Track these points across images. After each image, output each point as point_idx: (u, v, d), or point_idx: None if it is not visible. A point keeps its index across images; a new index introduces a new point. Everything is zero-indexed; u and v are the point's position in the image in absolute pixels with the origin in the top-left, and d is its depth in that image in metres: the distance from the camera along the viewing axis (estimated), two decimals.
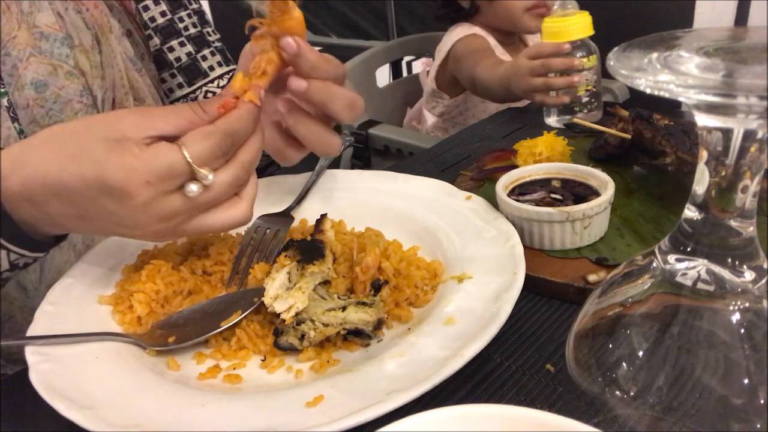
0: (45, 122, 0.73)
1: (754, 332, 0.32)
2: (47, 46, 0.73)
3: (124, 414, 0.43)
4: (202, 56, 0.93)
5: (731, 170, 0.30)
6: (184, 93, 0.94)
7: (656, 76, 0.27)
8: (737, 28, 0.33)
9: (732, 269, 0.32)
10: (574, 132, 0.89)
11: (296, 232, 0.66)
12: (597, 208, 0.60)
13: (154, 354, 0.52)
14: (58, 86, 0.73)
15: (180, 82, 0.93)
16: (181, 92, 0.94)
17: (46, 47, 0.73)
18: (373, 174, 0.76)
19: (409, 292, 0.55)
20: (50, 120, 0.74)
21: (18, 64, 0.71)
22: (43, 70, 0.72)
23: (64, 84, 0.74)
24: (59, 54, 0.73)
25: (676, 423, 0.32)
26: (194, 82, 0.94)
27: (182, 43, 0.92)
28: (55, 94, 0.73)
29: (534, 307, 0.56)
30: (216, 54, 0.95)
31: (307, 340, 0.50)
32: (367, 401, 0.42)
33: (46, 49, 0.73)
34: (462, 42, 1.60)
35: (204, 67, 0.94)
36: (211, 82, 0.95)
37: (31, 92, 0.72)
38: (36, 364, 0.48)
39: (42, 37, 0.73)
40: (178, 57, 0.92)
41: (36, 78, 0.72)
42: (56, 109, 0.74)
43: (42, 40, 0.73)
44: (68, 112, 0.74)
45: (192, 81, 0.94)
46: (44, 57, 0.73)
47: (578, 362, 0.36)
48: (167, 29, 0.90)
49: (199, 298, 0.57)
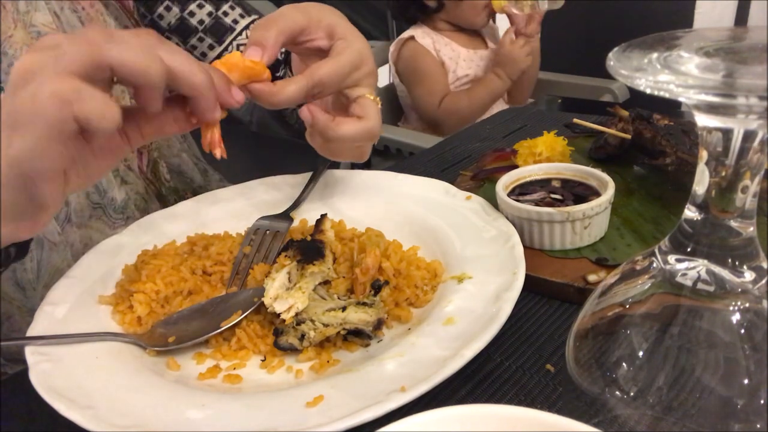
0: None
1: (754, 332, 0.32)
2: None
3: (124, 414, 0.43)
4: (223, 12, 0.92)
5: (731, 170, 0.30)
6: (217, 53, 0.92)
7: (656, 76, 0.27)
8: (737, 28, 0.33)
9: (732, 269, 0.32)
10: (574, 132, 0.89)
11: (296, 232, 0.66)
12: (597, 208, 0.60)
13: (154, 354, 0.52)
14: None
15: (210, 44, 0.91)
16: (214, 53, 0.92)
17: None
18: (373, 174, 0.76)
19: (409, 292, 0.55)
20: None
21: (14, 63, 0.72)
22: None
23: None
24: None
25: (676, 423, 0.32)
26: (223, 40, 0.92)
27: (200, 5, 0.90)
28: None
29: (534, 307, 0.56)
30: (236, 7, 0.93)
31: (307, 340, 0.50)
32: (367, 401, 0.42)
33: None
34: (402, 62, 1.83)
35: (228, 23, 0.92)
36: (239, 35, 0.93)
37: None
38: (36, 364, 0.48)
39: (39, 36, 0.72)
40: (201, 20, 0.90)
41: None
42: None
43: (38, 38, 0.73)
44: None
45: (221, 39, 0.92)
46: None
47: (578, 362, 0.36)
48: None
49: (199, 298, 0.57)
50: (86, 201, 0.78)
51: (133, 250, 0.63)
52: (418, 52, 1.78)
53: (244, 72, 0.52)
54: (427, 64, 1.78)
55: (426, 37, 1.80)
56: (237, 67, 0.52)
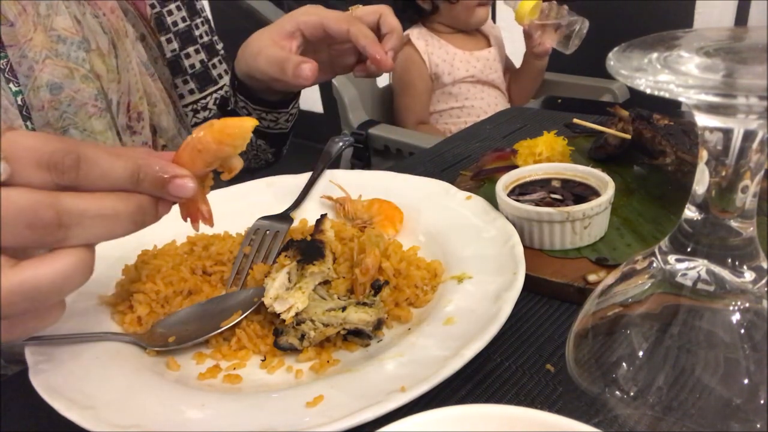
0: (59, 125, 0.74)
1: (754, 332, 0.32)
2: (64, 49, 0.74)
3: (124, 414, 0.43)
4: (212, 64, 0.97)
5: (731, 170, 0.30)
6: (195, 99, 0.97)
7: (656, 76, 0.27)
8: (737, 28, 0.33)
9: (732, 269, 0.32)
10: (574, 132, 0.89)
11: (296, 232, 0.66)
12: (597, 208, 0.60)
13: (154, 354, 0.52)
14: (73, 89, 0.74)
15: (192, 89, 0.96)
16: (192, 98, 0.97)
17: (62, 50, 0.74)
18: (373, 174, 0.76)
19: (409, 292, 0.55)
20: (64, 122, 0.74)
21: (34, 66, 0.72)
22: (59, 73, 0.73)
23: (80, 87, 0.74)
24: (75, 57, 0.74)
25: (676, 423, 0.32)
26: (205, 89, 0.97)
27: (197, 50, 0.95)
28: (70, 97, 0.74)
29: (534, 307, 0.56)
30: (223, 62, 0.99)
31: (307, 340, 0.50)
32: (367, 401, 0.42)
33: (63, 52, 0.73)
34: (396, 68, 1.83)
35: (214, 75, 0.97)
36: (220, 89, 0.98)
37: (46, 94, 0.72)
38: (36, 364, 0.48)
39: (59, 41, 0.73)
40: (193, 64, 0.95)
41: (51, 80, 0.73)
42: (70, 111, 0.74)
43: (59, 43, 0.73)
44: (82, 115, 0.75)
45: (203, 88, 0.96)
46: (60, 60, 0.73)
47: (578, 362, 0.36)
48: (186, 35, 0.93)
49: (199, 298, 0.57)
50: None
51: (133, 250, 0.63)
52: (410, 60, 1.82)
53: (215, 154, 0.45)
54: (414, 78, 1.83)
55: (420, 38, 1.82)
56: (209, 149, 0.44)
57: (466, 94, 1.85)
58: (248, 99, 0.83)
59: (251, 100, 0.83)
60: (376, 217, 0.67)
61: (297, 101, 0.88)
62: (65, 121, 0.74)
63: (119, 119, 0.80)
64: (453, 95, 1.85)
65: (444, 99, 1.86)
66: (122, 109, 0.80)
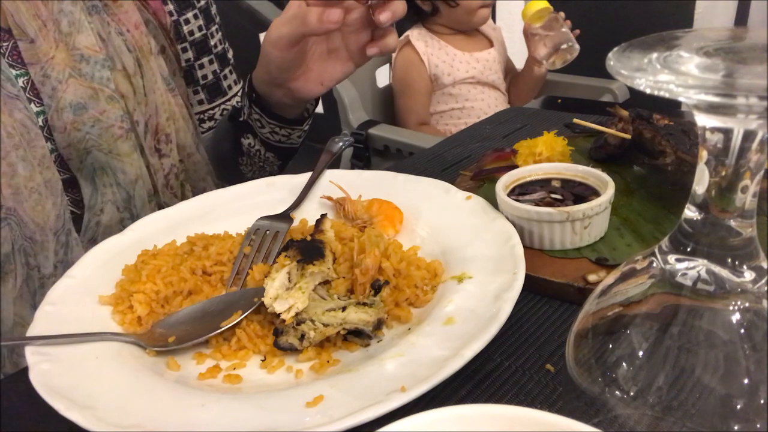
0: (81, 146, 0.72)
1: (754, 332, 0.32)
2: (88, 69, 0.72)
3: (124, 414, 0.43)
4: (224, 75, 0.96)
5: (731, 170, 0.30)
6: (203, 109, 0.95)
7: (656, 76, 0.27)
8: (737, 28, 0.33)
9: (732, 269, 0.32)
10: (574, 132, 0.89)
11: (296, 232, 0.66)
12: (597, 208, 0.60)
13: (154, 354, 0.52)
14: (98, 111, 0.72)
15: (201, 99, 0.94)
16: (200, 108, 0.95)
17: (86, 70, 0.71)
18: (373, 174, 0.76)
19: (409, 292, 0.55)
20: (87, 144, 0.73)
21: (57, 86, 0.70)
22: (82, 93, 0.71)
23: (105, 108, 0.73)
24: (100, 78, 0.72)
25: (676, 423, 0.32)
26: (215, 100, 0.96)
27: (211, 60, 0.93)
28: (94, 118, 0.72)
29: (534, 307, 0.56)
30: (233, 72, 0.97)
31: (307, 340, 0.50)
32: (367, 401, 0.42)
33: (87, 72, 0.71)
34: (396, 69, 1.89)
35: (224, 86, 0.96)
36: (228, 100, 0.97)
37: (70, 115, 0.71)
38: (36, 364, 0.48)
39: (82, 60, 0.71)
40: (205, 75, 0.93)
41: (75, 101, 0.71)
42: (94, 133, 0.72)
43: (82, 62, 0.71)
44: (107, 137, 0.73)
45: (213, 99, 0.95)
46: (84, 80, 0.71)
47: (578, 362, 0.36)
48: (201, 45, 0.91)
49: (199, 298, 0.57)
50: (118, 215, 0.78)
51: (133, 250, 0.63)
52: (410, 62, 1.82)
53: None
54: (414, 80, 1.83)
55: (420, 39, 1.83)
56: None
57: (466, 95, 1.85)
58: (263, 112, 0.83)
59: (267, 114, 0.83)
60: (376, 217, 0.67)
61: (310, 118, 0.88)
62: (88, 142, 0.72)
63: (146, 141, 0.78)
64: (453, 96, 1.85)
65: (444, 100, 1.87)
66: (150, 132, 0.79)
